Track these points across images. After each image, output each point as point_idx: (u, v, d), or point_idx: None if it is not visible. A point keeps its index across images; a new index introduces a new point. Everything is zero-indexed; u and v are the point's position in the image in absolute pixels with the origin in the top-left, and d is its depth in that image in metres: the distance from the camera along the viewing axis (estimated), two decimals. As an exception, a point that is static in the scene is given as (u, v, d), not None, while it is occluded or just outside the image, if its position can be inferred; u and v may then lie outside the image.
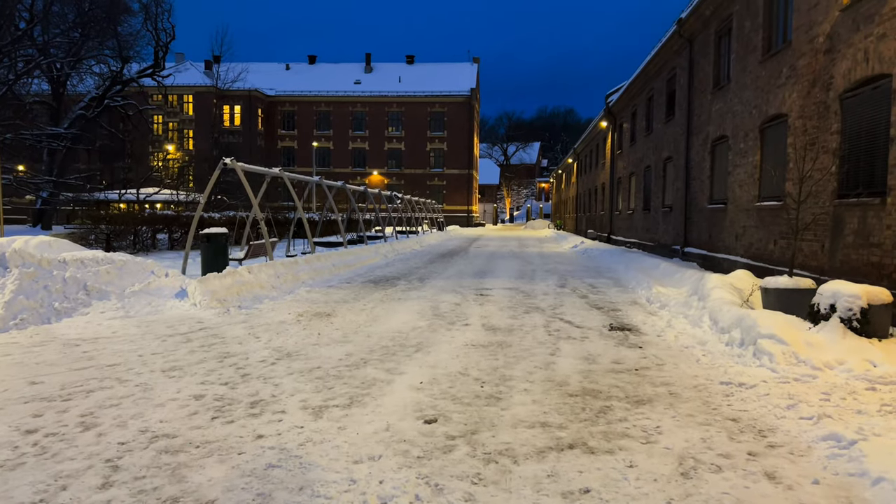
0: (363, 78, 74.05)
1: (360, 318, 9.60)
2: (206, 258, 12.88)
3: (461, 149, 71.03)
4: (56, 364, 6.56)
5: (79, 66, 36.99)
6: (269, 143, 70.82)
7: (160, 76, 41.26)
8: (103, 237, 19.82)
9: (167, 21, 39.86)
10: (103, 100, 38.31)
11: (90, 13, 34.23)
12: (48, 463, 3.99)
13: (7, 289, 8.68)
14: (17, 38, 28.74)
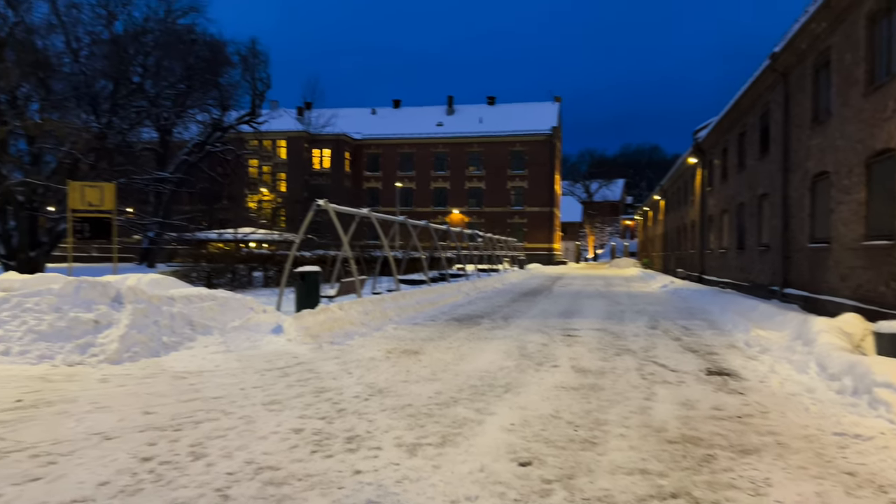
0: (445, 120, 75.67)
1: (447, 357, 9.66)
2: (300, 295, 13.37)
3: (542, 186, 70.92)
4: (166, 395, 6.95)
5: (184, 115, 39.77)
6: (356, 184, 73.21)
7: (256, 123, 43.72)
8: (204, 275, 20.96)
9: (263, 71, 42.39)
10: (205, 146, 40.93)
11: (195, 66, 36.87)
12: (164, 490, 4.22)
13: (122, 323, 9.31)
14: (132, 92, 31.28)
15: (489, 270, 36.03)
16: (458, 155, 72.23)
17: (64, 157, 25.17)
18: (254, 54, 41.09)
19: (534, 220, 71.33)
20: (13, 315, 9.32)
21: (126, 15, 31.79)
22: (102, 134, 26.52)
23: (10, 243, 24.28)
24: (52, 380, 7.68)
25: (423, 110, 79.11)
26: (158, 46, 33.35)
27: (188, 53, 35.86)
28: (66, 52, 28.31)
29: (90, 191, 16.95)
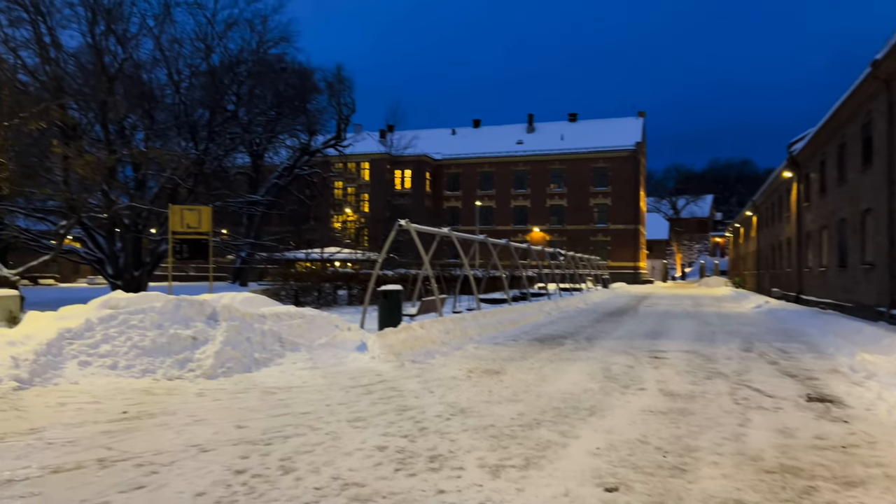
0: (525, 138, 75.57)
1: (529, 377, 9.56)
2: (383, 313, 13.62)
3: (626, 203, 69.38)
4: (257, 410, 7.23)
5: (274, 140, 41.68)
6: (436, 203, 74.13)
7: (341, 146, 45.22)
8: (292, 293, 21.74)
9: (348, 97, 43.90)
10: (293, 169, 42.70)
11: (285, 94, 38.62)
12: (256, 502, 4.38)
13: (217, 340, 9.78)
14: (227, 119, 33.06)
15: (571, 289, 35.48)
16: (539, 173, 71.85)
17: (165, 182, 26.83)
18: (339, 80, 42.66)
19: (618, 237, 69.80)
20: (120, 331, 9.97)
21: (222, 48, 33.74)
22: (200, 160, 28.12)
23: (117, 263, 26.02)
24: (154, 393, 8.15)
25: (502, 129, 79.37)
26: (251, 76, 35.16)
27: (278, 81, 37.60)
28: (169, 85, 30.29)
29: (189, 214, 17.96)
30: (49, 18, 23.94)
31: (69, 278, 70.81)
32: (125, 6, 26.26)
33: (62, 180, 22.11)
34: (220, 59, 33.86)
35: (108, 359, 9.41)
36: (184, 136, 30.94)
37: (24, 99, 19.73)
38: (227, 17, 32.87)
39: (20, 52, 23.70)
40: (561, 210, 71.43)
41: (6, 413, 7.04)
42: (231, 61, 34.38)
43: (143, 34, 27.82)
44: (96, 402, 7.53)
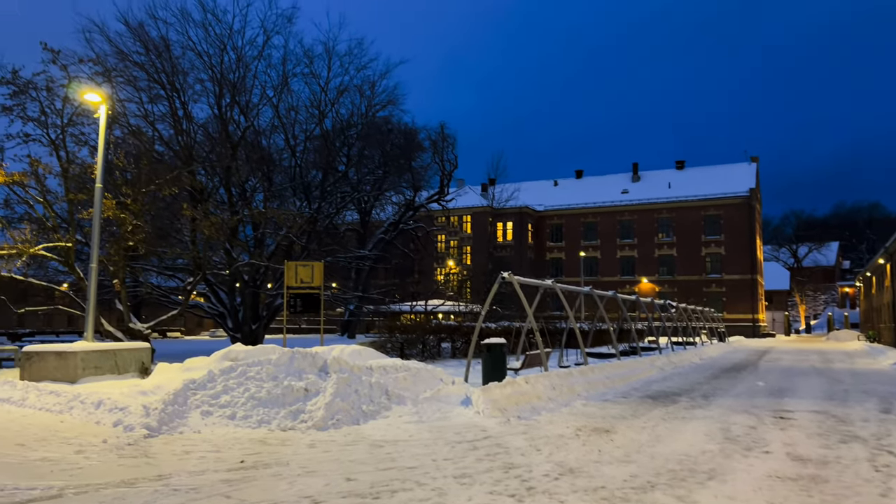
0: (630, 187, 74.17)
1: (642, 437, 9.12)
2: (487, 367, 13.55)
3: (741, 252, 65.92)
4: (365, 463, 7.33)
5: (381, 197, 43.32)
6: (538, 255, 73.69)
7: (444, 201, 46.25)
8: (398, 345, 22.13)
9: (451, 153, 45.09)
10: (398, 224, 44.03)
11: (391, 153, 40.25)
12: (365, 557, 4.39)
13: (328, 392, 10.07)
14: (338, 180, 34.81)
15: (685, 343, 33.81)
16: (646, 222, 69.99)
17: (282, 239, 28.42)
18: (442, 138, 43.98)
19: (733, 288, 66.19)
20: (239, 382, 10.50)
21: (334, 113, 35.85)
22: (313, 218, 29.65)
23: (236, 317, 27.61)
24: (269, 443, 8.46)
25: (606, 179, 78.42)
26: (360, 138, 37.01)
27: (385, 142, 39.31)
28: (286, 149, 32.44)
29: (302, 269, 18.87)
30: (182, 94, 26.46)
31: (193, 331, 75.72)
32: (248, 79, 28.61)
33: (190, 240, 23.94)
34: (332, 123, 35.96)
35: (228, 409, 9.91)
36: (298, 197, 32.82)
37: (159, 167, 21.74)
38: (339, 85, 34.99)
39: (157, 125, 26.27)
40: (670, 260, 68.92)
41: (137, 459, 7.54)
42: (342, 125, 36.40)
43: (264, 104, 30.12)
44: (217, 451, 7.92)
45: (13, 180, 17.91)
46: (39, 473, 6.78)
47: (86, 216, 19.07)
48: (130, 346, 16.39)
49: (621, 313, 26.64)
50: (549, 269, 71.52)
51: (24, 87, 17.95)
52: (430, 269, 56.88)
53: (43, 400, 11.82)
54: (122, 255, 20.07)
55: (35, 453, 7.84)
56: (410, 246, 48.05)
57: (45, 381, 13.90)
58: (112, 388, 12.73)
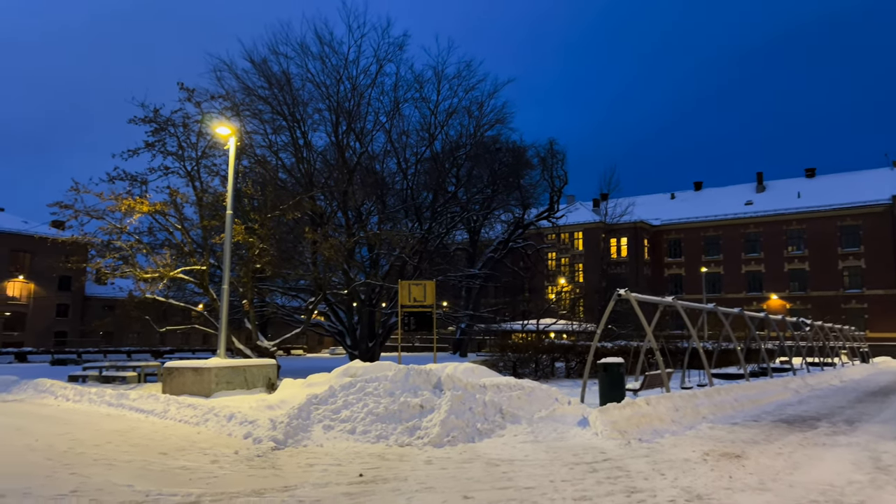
0: (755, 198, 69.98)
1: (777, 464, 8.45)
2: (604, 387, 13.12)
3: (884, 265, 60.15)
4: (482, 481, 7.27)
5: (490, 216, 43.52)
6: (655, 271, 70.93)
7: (555, 218, 45.73)
8: (510, 364, 21.97)
9: (560, 169, 44.60)
10: (508, 243, 44.00)
11: (499, 172, 40.41)
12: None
13: (442, 409, 10.14)
14: (448, 200, 35.38)
15: (822, 364, 31.19)
16: (774, 234, 65.62)
17: (395, 260, 29.21)
18: (551, 154, 43.62)
19: (876, 304, 60.44)
20: (358, 398, 10.81)
21: (443, 135, 36.58)
22: (424, 239, 30.27)
23: (354, 335, 28.57)
24: (387, 458, 8.61)
25: (727, 190, 74.46)
26: (469, 158, 37.46)
27: (494, 161, 39.55)
28: (398, 172, 33.45)
29: (415, 288, 19.25)
30: (303, 124, 27.99)
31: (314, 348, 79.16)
32: (362, 106, 29.82)
33: (311, 262, 25.12)
34: (442, 145, 36.68)
35: (348, 424, 10.21)
36: (410, 218, 33.65)
37: (283, 194, 23.06)
38: (448, 107, 35.71)
39: (280, 154, 27.90)
40: (802, 274, 64.10)
41: (265, 470, 7.91)
42: (451, 146, 37.03)
43: (377, 129, 31.28)
44: (338, 465, 8.15)
45: (156, 209, 19.61)
46: (179, 481, 7.27)
47: (218, 241, 20.53)
48: (258, 363, 17.35)
49: (749, 332, 25.02)
50: (667, 286, 68.58)
51: (163, 125, 19.69)
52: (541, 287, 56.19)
53: (182, 412, 12.72)
54: (251, 277, 21.37)
55: (176, 462, 8.42)
56: (520, 264, 47.79)
57: (183, 394, 14.99)
58: (242, 402, 13.50)
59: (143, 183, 19.96)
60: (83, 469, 7.91)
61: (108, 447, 9.56)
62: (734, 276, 67.30)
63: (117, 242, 19.98)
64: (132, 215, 19.40)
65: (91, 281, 38.26)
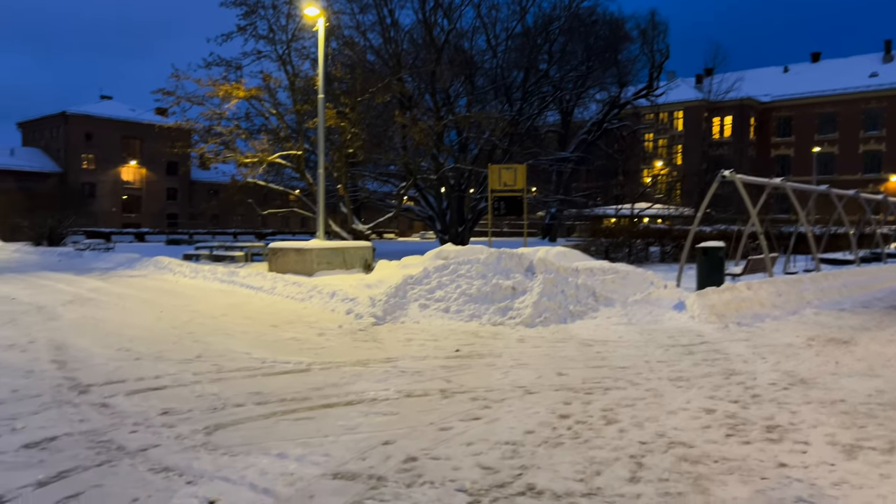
0: (881, 69, 62.99)
1: (890, 351, 8.07)
2: (702, 272, 12.77)
3: None
4: (575, 360, 7.39)
5: (584, 95, 41.59)
6: (761, 152, 66.49)
7: (654, 96, 43.20)
8: (602, 249, 21.71)
9: (662, 43, 41.54)
10: (602, 124, 42.20)
11: (595, 47, 38.08)
12: (581, 447, 4.47)
13: (534, 291, 10.23)
14: (539, 79, 33.94)
15: (943, 250, 28.96)
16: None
17: (484, 143, 28.76)
18: (652, 26, 40.61)
19: None
20: (451, 279, 11.05)
21: (536, 7, 34.51)
22: (515, 120, 29.47)
23: (444, 219, 28.92)
24: (481, 336, 8.88)
25: (848, 62, 67.26)
26: (563, 32, 35.37)
27: (589, 35, 37.23)
28: (487, 50, 32.16)
29: (505, 172, 18.98)
30: (390, 2, 27.08)
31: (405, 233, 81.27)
32: (450, -20, 28.36)
33: (401, 147, 25.15)
34: (534, 19, 34.70)
35: (442, 303, 10.52)
36: (500, 99, 32.69)
37: (371, 76, 22.79)
38: (541, -24, 33.41)
39: (368, 35, 27.34)
40: (929, 154, 58.34)
41: (367, 343, 8.36)
42: (544, 20, 34.98)
43: (465, 4, 29.82)
44: (434, 340, 8.49)
45: (251, 95, 19.94)
46: (290, 350, 7.82)
47: (311, 126, 20.79)
48: (355, 245, 17.99)
49: (863, 215, 23.39)
50: (773, 168, 64.33)
51: (253, 7, 19.57)
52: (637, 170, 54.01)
53: (287, 289, 13.52)
54: (344, 162, 21.73)
55: (286, 334, 9.04)
56: (614, 146, 45.99)
57: (288, 273, 15.87)
58: (342, 281, 14.15)
59: (237, 68, 20.22)
60: (204, 337, 8.64)
61: (224, 319, 10.36)
62: (849, 157, 62.18)
63: (217, 128, 20.64)
64: (230, 101, 19.83)
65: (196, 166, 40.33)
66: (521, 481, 3.87)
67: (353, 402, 5.58)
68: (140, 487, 3.74)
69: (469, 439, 4.62)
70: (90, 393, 5.78)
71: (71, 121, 63.20)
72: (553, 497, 3.66)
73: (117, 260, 22.57)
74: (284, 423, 4.97)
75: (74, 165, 63.04)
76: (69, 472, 3.94)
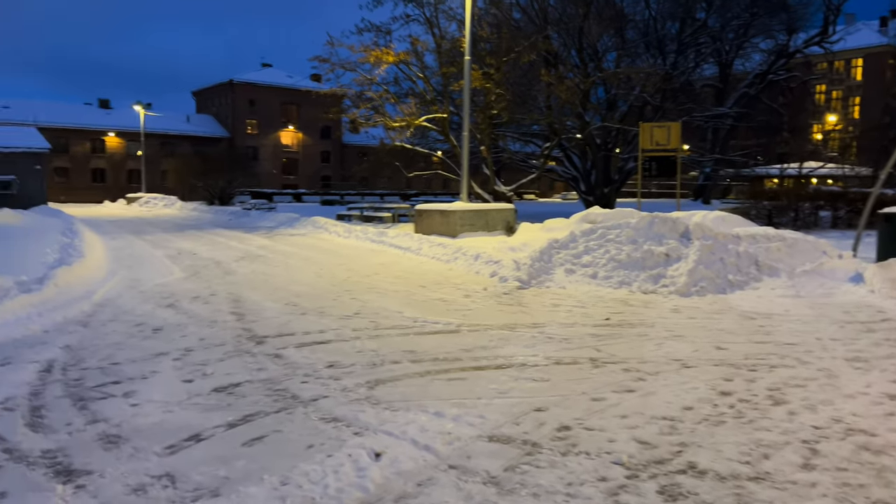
0: None
1: None
2: (884, 240, 11.44)
3: None
4: (735, 333, 6.97)
5: (745, 45, 38.20)
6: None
7: (828, 42, 38.82)
8: (764, 213, 20.11)
9: (841, -19, 36.88)
10: (766, 75, 38.64)
11: (761, -10, 34.66)
12: (746, 427, 4.24)
13: (690, 258, 9.72)
14: (696, 30, 31.58)
15: None
16: None
17: (634, 100, 27.42)
18: (831, -37, 36.08)
19: None
20: (598, 244, 10.78)
21: (694, -49, 31.94)
22: (668, 75, 27.75)
23: (589, 181, 28.16)
24: (631, 304, 8.62)
25: None
26: (724, -24, 32.51)
27: (755, -22, 33.95)
28: (639, 1, 30.35)
29: (658, 131, 18.05)
30: (537, -44, 26.26)
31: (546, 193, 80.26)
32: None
33: (545, 106, 24.66)
34: (692, -38, 32.18)
35: (589, 269, 10.32)
36: (652, 53, 30.90)
37: (517, 35, 22.43)
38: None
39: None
40: None
41: (513, 307, 8.42)
42: (703, -37, 32.34)
43: (617, -47, 28.26)
44: (582, 307, 8.37)
45: (400, 59, 20.42)
46: (439, 311, 8.06)
47: (456, 88, 20.95)
48: (498, 207, 18.07)
49: None
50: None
51: (403, -31, 19.86)
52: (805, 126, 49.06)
53: (433, 250, 13.91)
54: (488, 123, 21.76)
55: (434, 294, 9.33)
56: (779, 100, 41.97)
57: (432, 234, 16.31)
58: (485, 243, 14.32)
59: (387, 33, 20.74)
60: (360, 295, 9.14)
61: (376, 277, 10.89)
62: None
63: (368, 93, 21.41)
64: (380, 66, 20.46)
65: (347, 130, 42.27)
66: (680, 459, 3.75)
67: (502, 365, 5.66)
68: (314, 435, 4.07)
69: (623, 412, 4.54)
70: (265, 344, 6.35)
71: (236, 88, 68.27)
72: (717, 478, 3.51)
73: (279, 219, 24.36)
74: (438, 383, 5.16)
75: (240, 130, 68.28)
76: (253, 417, 4.37)
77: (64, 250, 12.33)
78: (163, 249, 15.12)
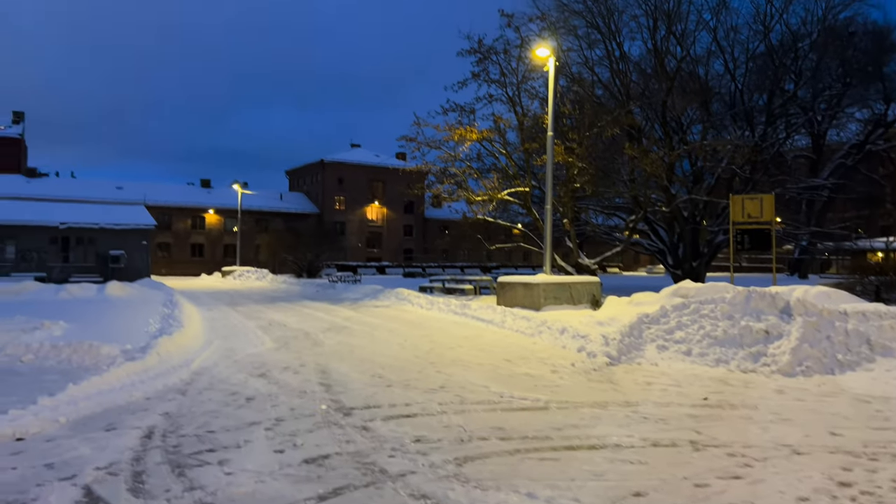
0: None
1: None
2: None
3: None
4: (850, 418, 6.42)
5: (839, 115, 36.91)
6: None
7: (934, 110, 36.97)
8: (871, 289, 18.78)
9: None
10: (864, 146, 37.06)
11: (853, 61, 33.75)
12: (873, 526, 3.83)
13: (793, 335, 9.15)
14: (786, 101, 30.88)
15: None
16: None
17: (721, 172, 26.80)
18: (928, 30, 34.85)
19: None
20: (692, 320, 10.36)
21: (781, 24, 31.63)
22: (757, 147, 27.08)
23: (676, 254, 27.37)
24: (730, 384, 8.14)
25: None
26: (814, 48, 31.91)
27: (846, 49, 33.16)
28: (724, 74, 30.13)
29: (749, 203, 17.50)
30: (618, 35, 26.78)
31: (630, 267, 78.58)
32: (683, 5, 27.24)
33: (629, 179, 24.47)
34: (780, 37, 31.81)
35: (683, 345, 9.89)
36: (738, 125, 30.33)
37: (600, 110, 22.63)
38: (788, -9, 30.50)
39: (595, 69, 27.26)
40: None
41: (603, 384, 8.12)
42: (791, 38, 31.91)
43: (700, 29, 28.39)
44: (677, 386, 7.97)
45: (483, 136, 20.96)
46: (526, 386, 7.88)
47: (539, 163, 21.18)
48: (583, 280, 17.79)
49: None
50: None
51: (486, 54, 20.65)
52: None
53: (517, 323, 13.75)
54: (570, 196, 21.76)
55: (519, 368, 9.15)
56: (879, 171, 39.99)
57: (515, 307, 16.17)
58: (570, 317, 14.02)
59: (470, 112, 21.41)
60: (444, 368, 9.08)
61: (460, 350, 10.83)
62: None
63: (452, 169, 21.97)
64: (463, 143, 21.05)
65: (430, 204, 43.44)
66: (801, 558, 3.41)
67: (595, 446, 5.42)
68: (403, 512, 3.99)
69: (730, 500, 4.21)
70: (353, 416, 6.36)
71: (327, 167, 71.77)
72: (845, 583, 3.16)
73: (364, 291, 24.90)
74: (529, 462, 4.98)
75: (329, 206, 71.28)
76: (342, 490, 4.34)
77: (165, 321, 13.04)
78: (255, 320, 15.68)
